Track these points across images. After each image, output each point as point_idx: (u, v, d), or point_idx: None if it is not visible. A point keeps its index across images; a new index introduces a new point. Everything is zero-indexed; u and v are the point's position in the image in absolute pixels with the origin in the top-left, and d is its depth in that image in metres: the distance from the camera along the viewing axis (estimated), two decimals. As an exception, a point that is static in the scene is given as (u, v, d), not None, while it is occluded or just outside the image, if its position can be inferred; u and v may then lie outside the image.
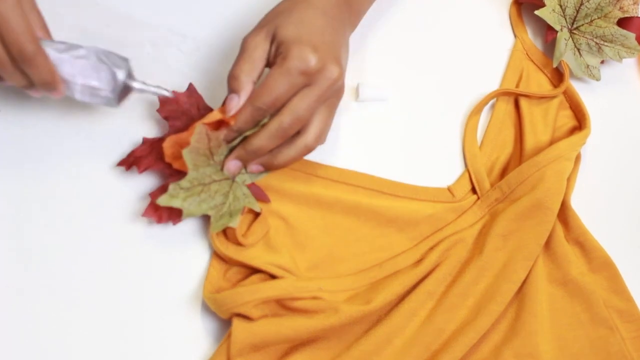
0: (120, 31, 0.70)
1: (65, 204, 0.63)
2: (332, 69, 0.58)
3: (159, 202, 0.59)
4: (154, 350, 0.60)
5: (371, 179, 0.66)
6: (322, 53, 0.58)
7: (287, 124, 0.58)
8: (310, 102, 0.58)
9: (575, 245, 0.66)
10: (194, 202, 0.60)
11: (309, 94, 0.58)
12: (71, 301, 0.60)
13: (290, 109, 0.58)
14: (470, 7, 0.77)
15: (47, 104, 0.66)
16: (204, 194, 0.61)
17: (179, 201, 0.60)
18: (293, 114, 0.58)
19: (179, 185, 0.60)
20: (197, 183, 0.61)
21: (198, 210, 0.60)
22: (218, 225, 0.60)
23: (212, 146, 0.61)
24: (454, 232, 0.65)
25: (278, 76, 0.57)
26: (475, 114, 0.71)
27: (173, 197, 0.59)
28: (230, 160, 0.61)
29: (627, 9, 0.73)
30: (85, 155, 0.65)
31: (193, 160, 0.60)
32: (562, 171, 0.65)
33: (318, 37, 0.59)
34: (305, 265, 0.63)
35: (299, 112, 0.58)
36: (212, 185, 0.61)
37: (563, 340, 0.63)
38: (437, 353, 0.60)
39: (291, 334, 0.58)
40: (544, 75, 0.74)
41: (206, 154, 0.61)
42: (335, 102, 0.61)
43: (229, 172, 0.61)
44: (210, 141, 0.61)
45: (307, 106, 0.58)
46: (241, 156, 0.61)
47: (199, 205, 0.60)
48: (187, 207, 0.60)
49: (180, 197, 0.60)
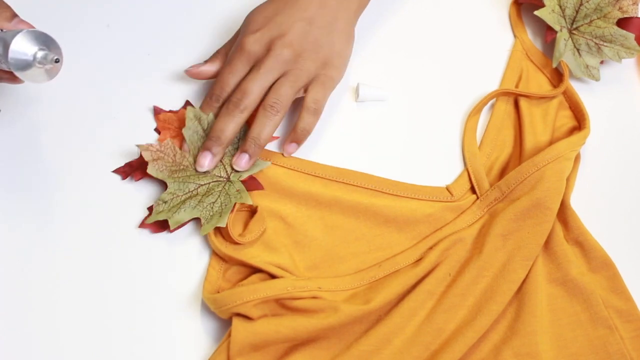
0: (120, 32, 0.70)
1: (65, 206, 0.63)
2: (280, 49, 0.62)
3: (148, 221, 0.61)
4: (154, 351, 0.60)
5: (370, 178, 0.66)
6: (267, 31, 0.63)
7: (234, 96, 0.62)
8: (258, 74, 0.62)
9: (575, 245, 0.66)
10: (179, 210, 0.61)
11: (256, 69, 0.63)
12: (71, 301, 0.60)
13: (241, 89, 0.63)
14: (470, 7, 0.77)
15: (47, 104, 0.66)
16: (191, 200, 0.62)
17: (164, 214, 0.61)
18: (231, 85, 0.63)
19: (161, 199, 0.61)
20: (182, 193, 0.62)
21: (184, 216, 0.61)
22: (208, 227, 0.61)
23: (177, 160, 0.62)
24: (453, 231, 0.65)
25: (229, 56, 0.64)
26: (475, 114, 0.71)
27: (159, 212, 0.61)
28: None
29: (626, 9, 0.73)
30: (86, 158, 0.65)
31: (167, 174, 0.62)
32: (562, 171, 0.65)
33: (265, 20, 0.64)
34: (304, 265, 0.63)
35: (243, 84, 0.62)
36: (200, 189, 0.62)
37: (562, 340, 0.63)
38: (436, 353, 0.60)
39: (291, 334, 0.58)
40: (544, 75, 0.74)
41: (182, 167, 0.62)
42: (298, 74, 0.64)
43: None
44: (174, 155, 0.62)
45: (254, 78, 0.62)
46: (245, 147, 0.63)
47: (185, 212, 0.61)
48: (172, 216, 0.61)
49: (165, 210, 0.61)
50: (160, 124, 0.65)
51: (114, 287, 0.61)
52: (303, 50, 0.63)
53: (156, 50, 0.70)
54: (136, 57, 0.69)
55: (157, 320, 0.60)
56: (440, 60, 0.74)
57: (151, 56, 0.70)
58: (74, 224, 0.62)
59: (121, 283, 0.61)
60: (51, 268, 0.61)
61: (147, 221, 0.62)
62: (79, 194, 0.63)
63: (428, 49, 0.74)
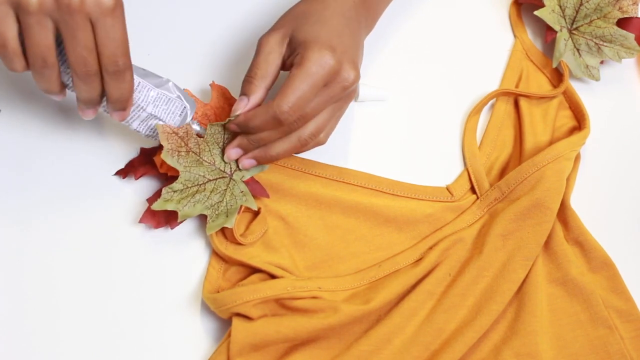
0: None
1: (65, 206, 0.63)
2: (349, 72, 0.58)
3: (154, 207, 0.59)
4: (154, 351, 0.60)
5: (370, 177, 0.66)
6: (340, 55, 0.57)
7: (293, 119, 0.57)
8: (319, 101, 0.58)
9: (575, 245, 0.66)
10: (188, 203, 0.60)
11: (321, 94, 0.58)
12: (70, 301, 0.60)
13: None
14: (470, 7, 0.77)
15: (47, 104, 0.66)
16: (199, 194, 0.61)
17: (173, 204, 0.60)
18: (300, 110, 0.58)
19: (172, 188, 0.60)
20: (191, 184, 0.61)
21: (193, 211, 0.60)
22: (214, 226, 0.60)
23: (191, 146, 0.61)
24: (453, 231, 0.65)
25: (300, 79, 0.57)
26: (475, 114, 0.71)
27: (167, 201, 0.60)
28: (231, 148, 0.61)
29: (626, 9, 0.73)
30: (86, 158, 0.65)
31: (180, 162, 0.60)
32: (562, 171, 0.65)
33: (336, 39, 0.58)
34: (304, 265, 0.63)
35: (307, 109, 0.58)
36: (208, 185, 0.61)
37: (562, 340, 0.63)
38: (436, 353, 0.60)
39: (291, 334, 0.58)
40: (544, 75, 0.74)
41: (193, 154, 0.61)
42: (343, 105, 0.61)
43: (229, 158, 0.61)
44: (187, 140, 0.61)
45: (315, 105, 0.58)
46: (243, 144, 0.61)
47: (194, 206, 0.60)
48: (182, 209, 0.60)
49: (174, 200, 0.60)
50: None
51: (114, 286, 0.61)
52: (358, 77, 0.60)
53: (156, 50, 0.70)
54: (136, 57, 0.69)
55: (156, 319, 0.60)
56: (441, 60, 0.74)
57: (151, 56, 0.69)
58: (74, 224, 0.62)
59: (121, 282, 0.61)
60: (50, 268, 0.61)
61: (153, 206, 0.59)
62: (78, 193, 0.63)
63: (428, 49, 0.74)
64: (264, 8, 0.73)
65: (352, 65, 0.58)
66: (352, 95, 0.61)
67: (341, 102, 0.61)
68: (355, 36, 0.61)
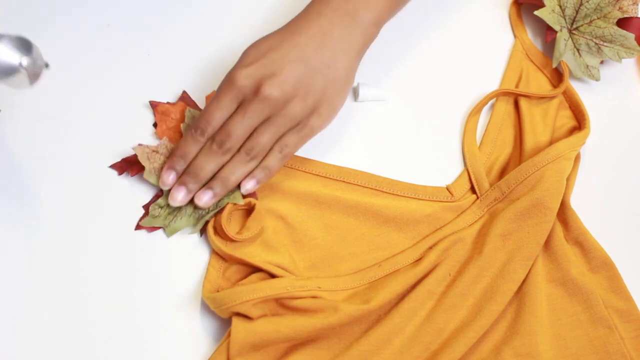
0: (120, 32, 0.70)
1: (65, 205, 0.63)
2: (272, 88, 0.59)
3: (142, 224, 0.62)
4: (153, 350, 0.60)
5: (370, 177, 0.66)
6: (261, 70, 0.59)
7: (209, 131, 0.60)
8: (240, 116, 0.60)
9: (575, 245, 0.66)
10: (175, 218, 0.62)
11: (241, 110, 0.60)
12: (69, 300, 0.60)
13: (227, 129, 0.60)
14: (470, 8, 0.77)
15: (47, 104, 0.66)
16: (187, 207, 0.62)
17: (161, 220, 0.62)
18: (214, 122, 0.60)
19: (158, 204, 0.62)
20: None
21: (181, 224, 0.62)
22: (197, 227, 0.62)
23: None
24: (453, 231, 0.65)
25: (215, 97, 0.60)
26: (475, 114, 0.71)
27: (155, 217, 0.62)
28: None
29: (626, 9, 0.73)
30: (86, 158, 0.65)
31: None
32: (562, 171, 0.65)
33: (264, 57, 0.60)
34: (304, 265, 0.63)
35: (230, 126, 0.60)
36: None
37: (562, 340, 0.63)
38: (436, 353, 0.60)
39: (291, 333, 0.58)
40: (544, 75, 0.74)
41: None
42: (287, 123, 0.61)
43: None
44: (168, 155, 0.62)
45: (239, 120, 0.60)
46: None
47: (181, 220, 0.62)
48: (169, 224, 0.62)
49: (162, 217, 0.62)
50: (158, 116, 0.65)
51: (113, 286, 0.61)
52: (293, 96, 0.60)
53: (156, 50, 0.70)
54: (136, 57, 0.70)
55: (156, 319, 0.60)
56: (441, 60, 0.74)
57: (151, 56, 0.70)
58: (72, 223, 0.62)
59: (120, 282, 0.61)
60: (49, 267, 0.61)
61: (141, 223, 0.62)
62: (78, 192, 0.63)
63: (428, 49, 0.74)
64: (264, 8, 0.73)
65: (277, 82, 0.59)
66: (298, 113, 0.61)
67: (280, 119, 0.60)
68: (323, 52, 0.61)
